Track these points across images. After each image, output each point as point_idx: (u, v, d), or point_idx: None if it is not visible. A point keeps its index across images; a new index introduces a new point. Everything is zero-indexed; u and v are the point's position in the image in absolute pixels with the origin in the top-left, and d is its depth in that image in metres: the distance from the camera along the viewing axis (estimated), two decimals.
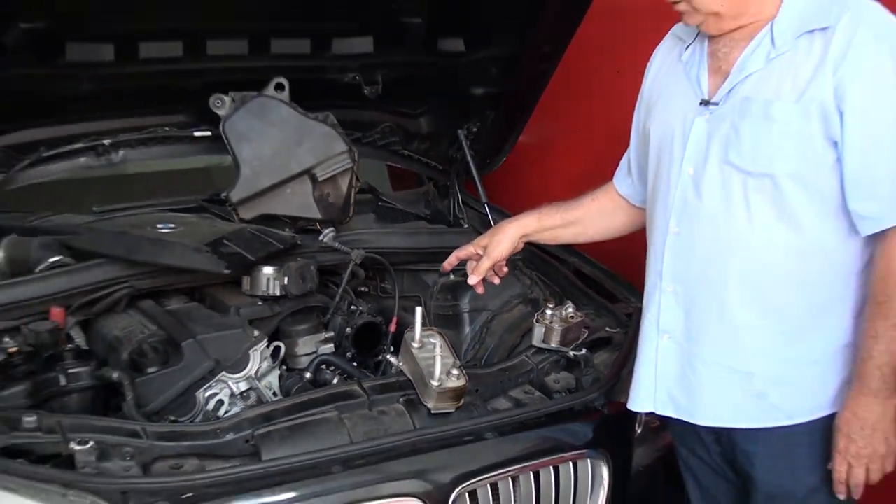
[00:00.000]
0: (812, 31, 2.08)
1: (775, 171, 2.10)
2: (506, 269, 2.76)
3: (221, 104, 3.09)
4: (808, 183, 2.09)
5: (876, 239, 2.11)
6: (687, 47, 2.33)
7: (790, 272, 2.16)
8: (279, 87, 3.14)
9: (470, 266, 2.70)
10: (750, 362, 2.21)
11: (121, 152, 3.20)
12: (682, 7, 2.16)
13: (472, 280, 2.67)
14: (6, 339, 2.54)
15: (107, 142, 3.17)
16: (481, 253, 2.68)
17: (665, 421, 2.44)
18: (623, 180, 2.63)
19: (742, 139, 2.13)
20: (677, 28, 2.39)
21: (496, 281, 2.74)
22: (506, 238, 2.67)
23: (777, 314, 2.19)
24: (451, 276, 3.13)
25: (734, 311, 2.20)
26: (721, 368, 2.23)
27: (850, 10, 2.05)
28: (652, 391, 2.34)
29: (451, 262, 2.78)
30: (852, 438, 2.12)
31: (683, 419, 2.32)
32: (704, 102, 2.22)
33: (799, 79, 2.07)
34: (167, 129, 3.25)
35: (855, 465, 2.14)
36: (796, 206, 2.11)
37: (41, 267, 2.77)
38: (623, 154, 2.63)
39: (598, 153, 2.87)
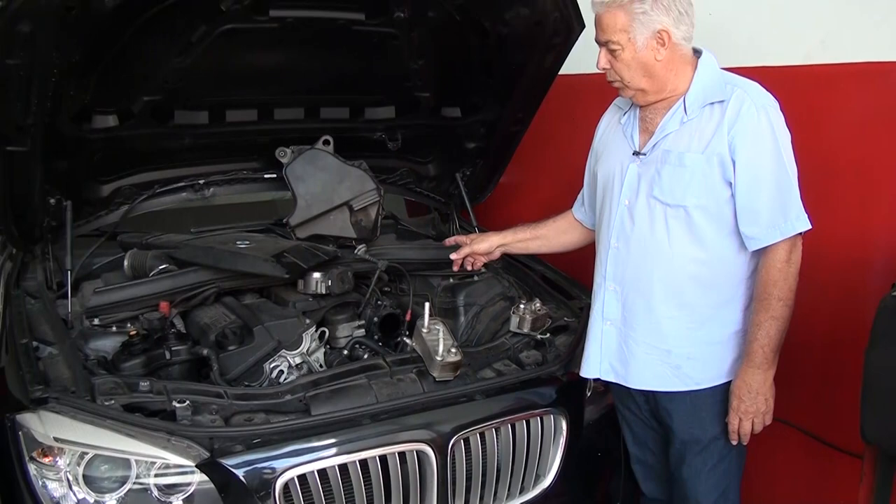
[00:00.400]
0: (713, 103, 2.10)
1: (687, 203, 2.11)
2: (480, 262, 2.79)
3: (284, 154, 3.08)
4: (710, 212, 2.10)
5: (759, 253, 2.12)
6: (624, 114, 2.32)
7: (698, 277, 2.15)
8: (326, 142, 3.13)
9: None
10: (669, 343, 2.20)
11: (211, 189, 3.17)
12: (617, 84, 2.17)
13: (454, 256, 2.75)
14: (128, 325, 2.55)
15: (202, 181, 3.15)
16: (468, 242, 2.73)
17: (608, 385, 2.42)
18: (578, 209, 2.61)
19: (663, 180, 2.13)
20: (618, 100, 2.38)
21: (472, 266, 2.80)
22: (486, 240, 2.71)
23: (688, 308, 2.18)
24: (451, 280, 3.13)
25: (657, 305, 2.19)
26: (648, 347, 2.23)
27: (739, 87, 2.09)
28: (598, 363, 2.32)
29: (449, 242, 2.90)
30: (742, 399, 2.13)
31: (621, 384, 2.31)
32: (636, 153, 2.22)
33: (703, 136, 2.08)
34: (245, 172, 3.23)
35: (744, 419, 2.15)
36: (702, 229, 2.12)
37: (153, 272, 2.76)
38: (577, 189, 2.61)
39: (557, 189, 2.87)
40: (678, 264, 2.15)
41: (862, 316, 2.06)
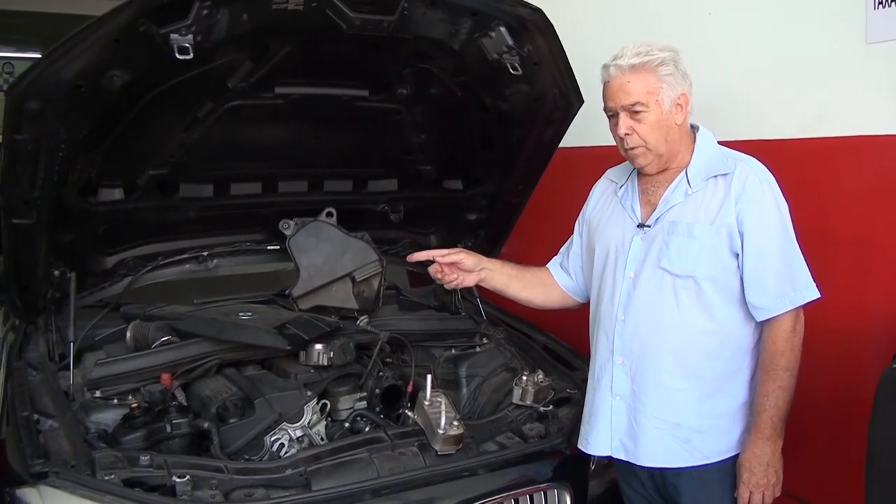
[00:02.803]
0: (716, 176, 2.15)
1: (697, 274, 2.13)
2: (456, 278, 2.50)
3: (288, 226, 3.11)
4: (719, 283, 2.13)
5: (765, 324, 2.13)
6: (620, 187, 2.35)
7: (707, 348, 2.16)
8: (329, 214, 3.16)
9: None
10: (679, 416, 2.19)
11: (215, 261, 3.19)
12: (639, 150, 2.16)
13: (438, 254, 2.51)
14: (130, 397, 2.54)
15: (205, 253, 3.17)
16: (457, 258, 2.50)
17: (612, 461, 2.38)
18: (557, 270, 2.59)
19: (671, 251, 2.16)
20: (610, 173, 2.42)
21: (448, 279, 2.50)
22: (474, 257, 2.52)
23: (697, 379, 2.17)
24: (453, 351, 3.13)
25: (667, 377, 2.18)
26: (657, 421, 2.20)
27: (741, 161, 2.15)
28: (608, 440, 2.28)
29: (436, 252, 2.56)
30: (753, 472, 2.11)
31: (630, 461, 2.27)
32: (640, 225, 2.24)
33: (711, 208, 2.13)
34: (248, 244, 3.26)
35: (755, 492, 2.12)
36: (711, 300, 2.14)
37: (155, 344, 2.76)
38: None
39: None
40: (688, 335, 2.16)
41: (863, 388, 2.06)
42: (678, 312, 2.16)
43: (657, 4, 3.22)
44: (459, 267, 2.51)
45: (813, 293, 2.11)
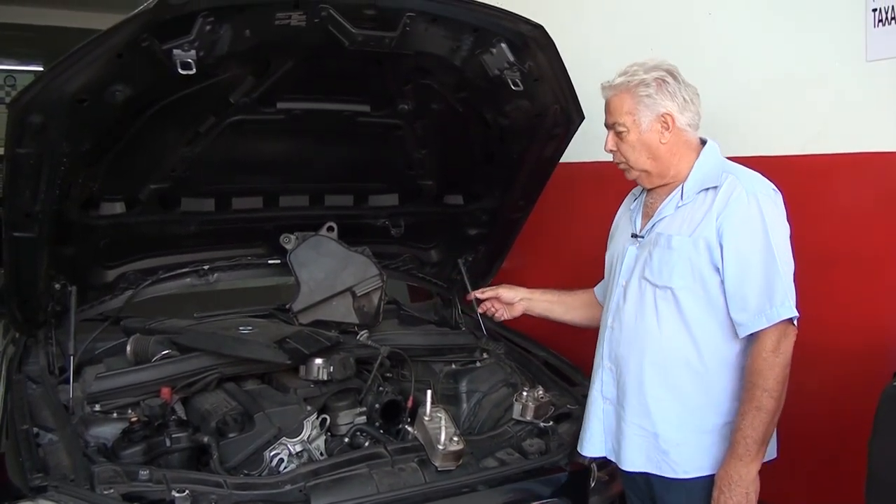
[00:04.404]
0: (707, 189, 2.17)
1: (673, 285, 2.16)
2: (501, 312, 2.82)
3: (289, 241, 3.11)
4: (698, 296, 2.14)
5: (747, 340, 2.12)
6: (635, 199, 2.41)
7: (688, 360, 2.17)
8: (330, 228, 3.17)
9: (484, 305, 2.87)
10: (657, 425, 2.21)
11: (216, 275, 3.19)
12: (623, 166, 2.27)
13: (481, 295, 2.86)
14: (129, 411, 2.54)
15: (206, 267, 3.17)
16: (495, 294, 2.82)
17: (612, 474, 2.41)
18: (599, 287, 2.63)
19: (653, 261, 2.20)
20: (635, 188, 2.45)
21: (494, 313, 2.85)
22: (513, 290, 2.79)
23: (678, 392, 2.19)
24: (454, 366, 3.14)
25: (647, 386, 2.21)
26: (638, 428, 2.23)
27: (732, 174, 2.16)
28: (601, 441, 2.34)
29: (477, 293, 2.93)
30: (722, 491, 2.10)
31: (617, 464, 2.31)
32: (634, 235, 2.30)
33: (693, 220, 2.15)
34: (249, 258, 3.25)
35: None
36: (690, 312, 2.15)
37: (155, 358, 2.76)
38: (578, 272, 2.70)
39: (558, 273, 2.90)
40: (668, 346, 2.18)
41: (863, 405, 2.06)
42: (657, 323, 2.19)
43: (657, 24, 3.24)
44: (500, 300, 2.77)
45: (789, 311, 2.05)
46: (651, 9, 3.25)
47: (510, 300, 2.75)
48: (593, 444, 2.35)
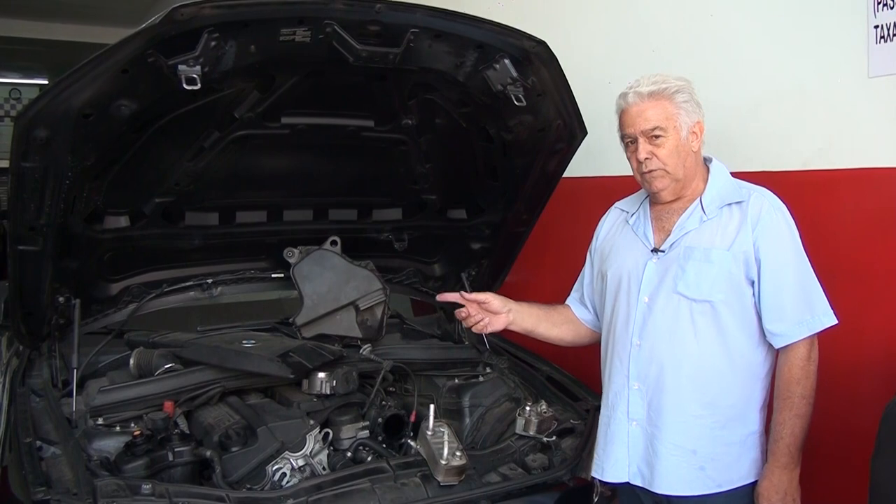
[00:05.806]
0: (730, 204, 2.20)
1: (714, 299, 2.15)
2: (485, 321, 2.49)
3: (292, 255, 3.13)
4: (734, 309, 2.15)
5: (781, 351, 2.15)
6: (632, 215, 2.38)
7: (723, 374, 2.17)
8: (334, 242, 3.18)
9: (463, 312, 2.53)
10: (695, 442, 2.18)
11: (219, 288, 3.21)
12: (658, 173, 2.21)
13: (468, 296, 2.52)
14: (132, 425, 2.54)
15: (209, 281, 3.19)
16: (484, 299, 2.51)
17: (614, 490, 2.38)
18: (577, 305, 2.60)
19: (688, 275, 2.18)
20: (620, 204, 2.46)
21: (477, 323, 2.50)
22: (500, 299, 2.52)
23: (714, 406, 2.18)
24: (457, 380, 3.14)
25: (685, 403, 2.19)
26: (674, 447, 2.19)
27: (755, 191, 2.21)
28: (626, 466, 2.27)
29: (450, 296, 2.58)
30: (771, 501, 2.11)
31: (648, 488, 2.24)
32: (654, 250, 2.27)
33: (727, 234, 2.17)
34: (252, 272, 3.27)
35: None
36: (728, 325, 2.16)
37: (159, 371, 2.76)
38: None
39: (560, 287, 2.89)
40: (705, 360, 2.17)
41: (866, 421, 2.05)
42: (695, 338, 2.17)
43: (662, 42, 3.25)
44: (487, 308, 2.50)
45: (831, 319, 2.14)
46: (656, 29, 3.26)
47: (498, 310, 2.49)
48: (617, 470, 2.27)
